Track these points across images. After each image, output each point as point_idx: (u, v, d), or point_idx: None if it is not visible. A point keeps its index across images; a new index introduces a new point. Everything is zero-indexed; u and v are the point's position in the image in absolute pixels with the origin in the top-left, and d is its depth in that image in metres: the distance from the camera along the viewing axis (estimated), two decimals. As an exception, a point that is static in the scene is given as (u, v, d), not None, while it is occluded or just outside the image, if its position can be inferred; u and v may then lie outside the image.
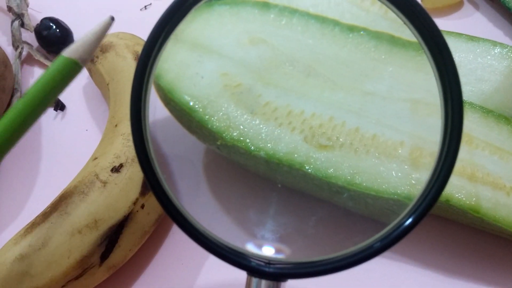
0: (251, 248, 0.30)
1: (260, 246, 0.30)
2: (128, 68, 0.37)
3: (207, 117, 0.31)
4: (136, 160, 0.31)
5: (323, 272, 0.21)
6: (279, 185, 0.34)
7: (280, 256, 0.29)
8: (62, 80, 0.25)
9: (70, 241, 0.29)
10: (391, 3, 0.21)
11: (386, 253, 0.32)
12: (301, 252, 0.30)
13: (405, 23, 0.21)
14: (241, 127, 0.31)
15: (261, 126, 0.31)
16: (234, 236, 0.25)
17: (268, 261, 0.22)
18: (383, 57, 0.34)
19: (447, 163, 0.20)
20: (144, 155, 0.22)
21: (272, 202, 0.34)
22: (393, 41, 0.34)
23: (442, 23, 0.44)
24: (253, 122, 0.31)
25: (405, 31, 0.36)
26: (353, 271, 0.21)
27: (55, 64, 0.25)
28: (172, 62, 0.33)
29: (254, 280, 0.22)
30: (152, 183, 0.22)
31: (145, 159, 0.22)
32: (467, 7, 0.45)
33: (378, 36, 0.34)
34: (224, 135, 0.30)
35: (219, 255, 0.22)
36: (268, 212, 0.33)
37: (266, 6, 0.35)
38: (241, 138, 0.30)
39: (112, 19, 0.26)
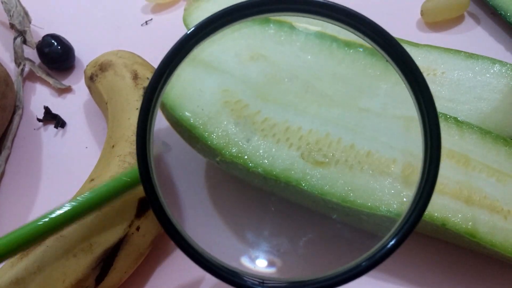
0: (246, 267, 0.30)
1: (254, 265, 0.30)
2: (126, 87, 0.37)
3: (207, 133, 0.31)
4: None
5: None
6: (272, 209, 0.34)
7: (273, 275, 0.29)
8: None
9: (65, 265, 0.29)
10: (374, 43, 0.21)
11: (382, 275, 0.32)
12: (294, 271, 0.30)
13: (390, 64, 0.21)
14: (240, 143, 0.31)
15: (259, 142, 0.31)
16: (230, 256, 0.26)
17: (262, 280, 0.23)
18: (378, 73, 0.34)
19: (427, 188, 0.21)
20: (149, 184, 0.23)
21: (267, 223, 0.34)
22: (388, 58, 0.34)
23: (443, 38, 0.44)
24: (252, 139, 0.31)
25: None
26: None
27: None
28: (174, 79, 0.33)
29: None
30: (155, 206, 0.23)
31: (150, 186, 0.23)
32: (468, 21, 0.44)
33: (374, 53, 0.34)
34: (223, 151, 0.30)
35: (217, 275, 0.23)
36: (263, 233, 0.33)
37: (266, 21, 0.35)
38: (240, 155, 0.30)
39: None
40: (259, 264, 0.30)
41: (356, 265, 0.21)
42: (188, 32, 0.22)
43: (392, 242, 0.21)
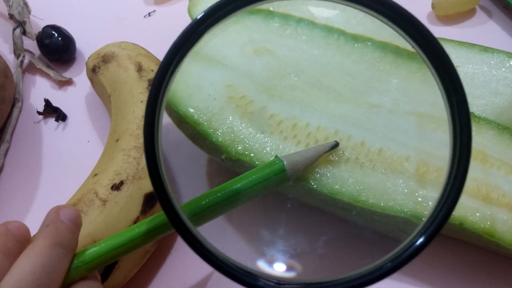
0: (260, 267, 0.29)
1: (269, 266, 0.30)
2: (129, 79, 0.36)
3: (211, 130, 0.30)
4: (137, 177, 0.30)
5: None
6: (289, 205, 0.33)
7: (290, 276, 0.28)
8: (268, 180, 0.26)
9: (68, 263, 0.28)
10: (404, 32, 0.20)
11: (397, 275, 0.31)
12: (311, 272, 0.29)
13: (420, 56, 0.20)
14: (246, 140, 0.30)
15: (266, 139, 0.30)
16: (244, 256, 0.24)
17: (278, 281, 0.22)
18: (388, 68, 0.33)
19: (457, 183, 0.20)
20: (158, 179, 0.21)
21: (282, 221, 0.33)
22: (398, 52, 0.33)
23: (454, 32, 0.43)
24: (258, 136, 0.30)
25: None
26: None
27: (269, 164, 0.26)
28: (177, 73, 0.32)
29: None
30: (165, 204, 0.21)
31: (159, 182, 0.21)
32: (480, 14, 0.43)
33: (383, 47, 0.33)
34: (228, 149, 0.29)
35: (229, 275, 0.21)
36: (278, 232, 0.32)
37: (270, 14, 0.34)
38: (246, 152, 0.29)
39: (336, 145, 0.28)
40: (274, 264, 0.29)
41: (379, 266, 0.20)
42: (199, 16, 0.21)
43: (421, 240, 0.20)
